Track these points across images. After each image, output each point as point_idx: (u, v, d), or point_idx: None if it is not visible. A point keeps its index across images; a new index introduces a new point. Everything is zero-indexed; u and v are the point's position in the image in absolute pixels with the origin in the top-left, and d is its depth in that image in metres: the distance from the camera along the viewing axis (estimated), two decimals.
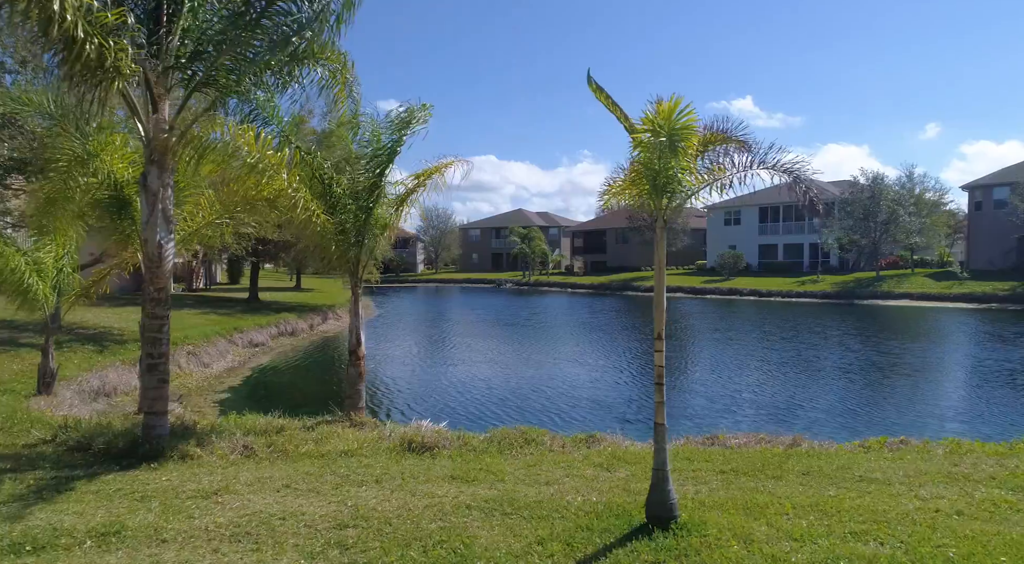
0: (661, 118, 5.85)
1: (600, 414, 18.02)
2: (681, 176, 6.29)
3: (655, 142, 5.84)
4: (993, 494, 8.00)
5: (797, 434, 12.14)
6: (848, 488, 8.30)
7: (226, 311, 35.69)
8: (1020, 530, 6.63)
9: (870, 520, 6.86)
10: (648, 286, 70.18)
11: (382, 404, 20.06)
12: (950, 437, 12.15)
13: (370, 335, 37.90)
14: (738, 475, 8.99)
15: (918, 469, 9.36)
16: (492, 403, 19.50)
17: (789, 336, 35.24)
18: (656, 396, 6.71)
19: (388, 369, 26.71)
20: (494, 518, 6.92)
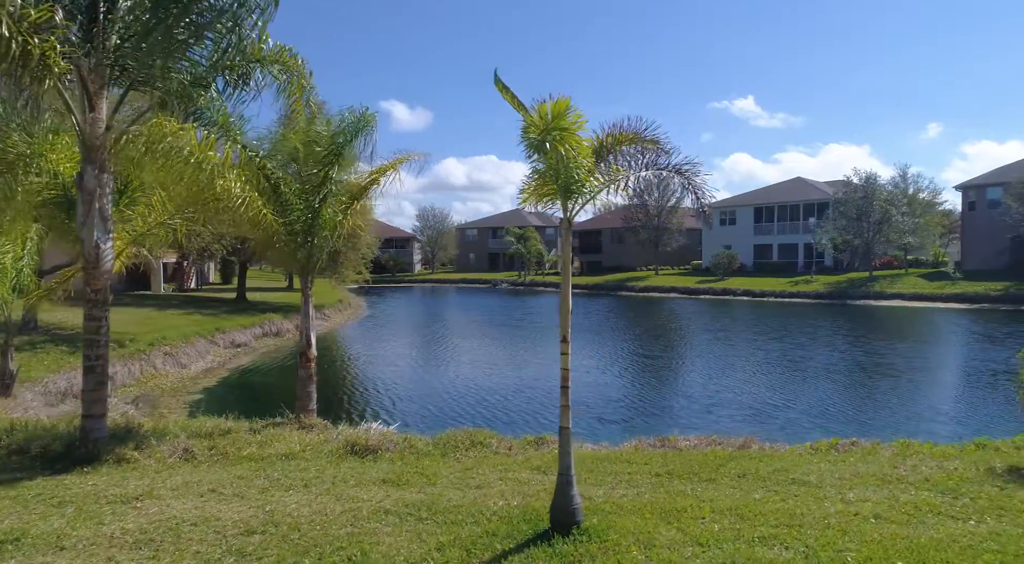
0: (540, 118, 5.78)
1: (577, 414, 17.97)
2: (583, 177, 6.23)
3: (539, 141, 5.78)
4: (920, 497, 7.94)
5: (748, 436, 12.10)
6: (777, 491, 8.25)
7: (211, 311, 35.68)
8: (931, 533, 6.58)
9: (784, 524, 6.80)
10: (644, 286, 70.11)
11: (360, 406, 20.04)
12: (902, 438, 12.08)
13: (357, 336, 38.06)
14: (672, 478, 8.94)
15: (856, 471, 9.31)
16: (471, 404, 19.49)
17: (778, 336, 35.23)
18: (562, 399, 6.66)
19: (372, 370, 26.73)
20: (407, 523, 6.87)
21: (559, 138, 5.72)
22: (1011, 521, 7.09)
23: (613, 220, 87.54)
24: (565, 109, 5.77)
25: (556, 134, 5.72)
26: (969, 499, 7.86)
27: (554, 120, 5.73)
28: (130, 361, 21.91)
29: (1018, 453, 10.83)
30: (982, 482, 8.66)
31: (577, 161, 6.02)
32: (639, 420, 17.58)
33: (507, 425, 16.75)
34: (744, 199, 79.12)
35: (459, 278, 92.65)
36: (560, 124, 5.74)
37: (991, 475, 9.01)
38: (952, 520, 7.13)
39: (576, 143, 5.90)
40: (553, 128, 5.72)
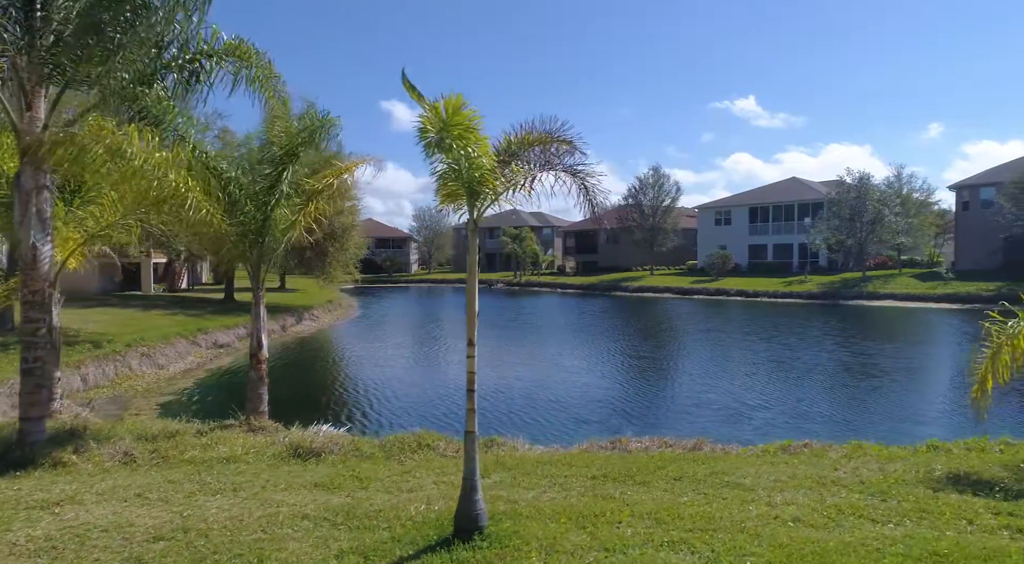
0: (435, 117, 5.71)
1: (557, 414, 18.01)
2: (487, 177, 6.17)
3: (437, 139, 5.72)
4: (848, 500, 7.88)
5: (700, 438, 12.05)
6: (707, 494, 8.19)
7: (197, 312, 35.62)
8: (843, 537, 6.53)
9: (699, 528, 6.75)
10: (638, 286, 70.00)
11: (338, 407, 19.94)
12: (857, 440, 12.00)
13: (345, 337, 37.99)
14: (607, 481, 8.88)
15: (795, 474, 9.25)
16: (448, 405, 19.29)
17: (767, 337, 35.21)
18: (467, 403, 6.61)
19: (356, 371, 26.69)
20: (320, 529, 6.82)
21: (458, 136, 5.66)
22: (929, 524, 7.03)
23: (609, 220, 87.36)
24: (459, 107, 5.71)
25: (453, 132, 5.65)
26: (896, 502, 7.80)
27: (450, 118, 5.66)
28: (104, 362, 21.86)
29: (967, 455, 10.79)
30: (916, 485, 8.60)
31: (478, 161, 5.95)
32: (616, 420, 17.47)
33: (488, 424, 16.72)
34: (739, 199, 79.01)
35: (455, 278, 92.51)
36: (455, 121, 5.67)
37: (928, 478, 8.95)
38: (871, 523, 7.07)
39: (475, 141, 5.83)
40: (450, 126, 5.65)
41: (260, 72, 12.31)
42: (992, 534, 6.77)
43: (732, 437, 14.23)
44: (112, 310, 32.20)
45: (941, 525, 7.01)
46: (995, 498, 8.03)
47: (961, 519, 7.18)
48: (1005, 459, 10.14)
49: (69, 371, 20.01)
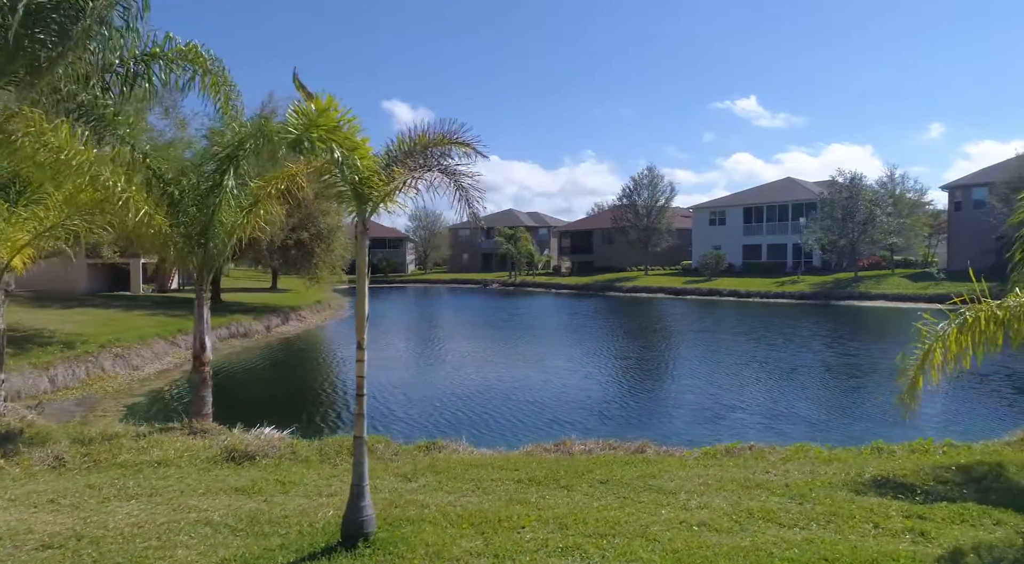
0: (299, 117, 5.66)
1: (533, 415, 18.00)
2: (371, 178, 6.11)
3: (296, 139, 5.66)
4: (765, 503, 7.83)
5: (644, 440, 11.96)
6: (626, 497, 8.14)
7: (181, 312, 35.53)
8: (740, 542, 6.48)
9: (599, 533, 6.69)
10: (632, 287, 69.88)
11: (312, 409, 19.81)
12: (801, 442, 11.95)
13: (330, 338, 37.95)
14: (530, 485, 8.83)
15: (723, 477, 9.18)
16: (425, 408, 19.16)
17: (755, 337, 35.18)
18: (356, 408, 6.54)
19: (336, 372, 26.67)
20: (218, 536, 6.77)
21: (320, 137, 5.60)
22: (835, 528, 6.97)
23: (604, 220, 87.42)
24: (327, 108, 5.66)
25: (317, 132, 5.60)
26: (812, 505, 7.75)
27: (314, 118, 5.60)
28: (75, 363, 21.83)
29: (909, 457, 10.72)
30: (841, 488, 8.54)
31: (351, 161, 5.89)
32: (590, 421, 17.37)
33: (457, 425, 16.68)
34: (733, 199, 78.89)
35: (450, 278, 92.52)
36: (320, 121, 5.61)
37: (856, 481, 8.89)
38: (777, 527, 7.02)
39: (346, 142, 5.77)
40: (314, 126, 5.60)
41: (213, 78, 12.29)
42: (894, 537, 6.71)
43: (701, 439, 14.21)
44: (93, 311, 32.18)
45: (846, 529, 6.95)
46: (914, 501, 7.97)
47: (868, 522, 7.12)
48: (942, 461, 10.06)
49: (36, 372, 20.01)
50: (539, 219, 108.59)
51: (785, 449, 11.35)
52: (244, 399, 20.72)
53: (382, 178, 6.15)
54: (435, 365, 27.76)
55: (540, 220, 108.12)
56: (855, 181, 59.67)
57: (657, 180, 77.55)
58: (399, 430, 15.99)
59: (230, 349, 31.34)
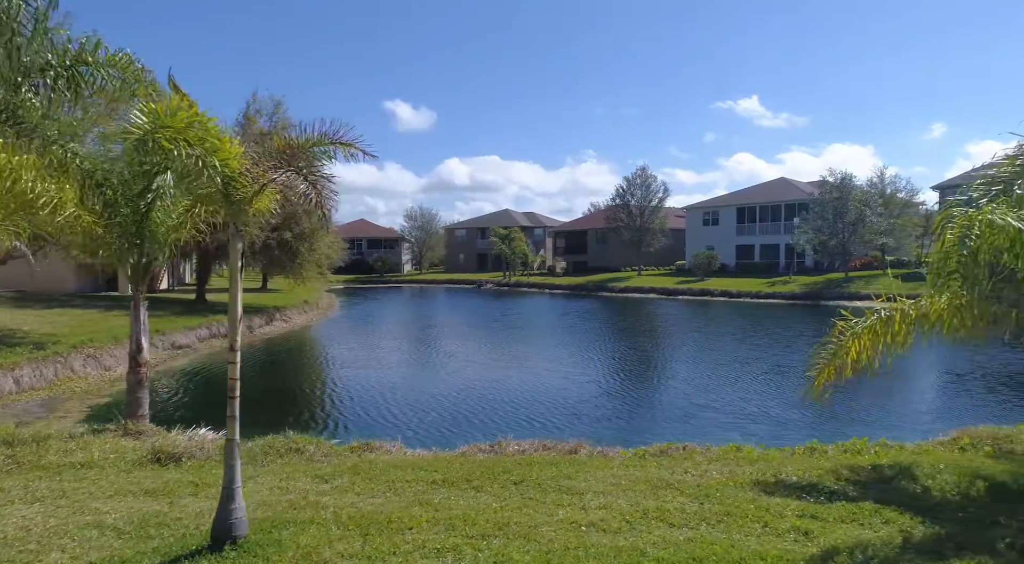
0: (147, 117, 5.65)
1: (506, 416, 18.03)
2: (238, 179, 6.12)
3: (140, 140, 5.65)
4: (665, 503, 7.86)
5: (579, 441, 11.92)
6: (531, 497, 8.18)
7: (163, 313, 35.50)
8: (619, 542, 6.52)
9: (483, 533, 6.74)
10: (624, 287, 69.80)
11: (277, 412, 19.67)
12: (734, 442, 11.95)
13: (315, 339, 37.90)
14: (443, 486, 8.85)
15: (639, 477, 9.19)
16: (399, 410, 19.10)
17: (740, 337, 35.29)
18: (228, 410, 6.54)
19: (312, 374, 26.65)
20: (103, 539, 6.80)
21: (169, 138, 5.60)
22: (724, 528, 6.99)
23: (598, 221, 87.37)
24: (176, 108, 5.66)
25: (166, 134, 5.60)
26: (711, 505, 7.80)
27: (164, 120, 5.60)
28: (43, 364, 21.87)
29: (841, 457, 10.71)
30: (749, 488, 8.55)
31: (210, 161, 5.89)
32: (560, 420, 17.44)
33: (427, 426, 16.70)
34: (727, 199, 78.83)
35: (445, 279, 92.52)
36: (170, 123, 5.62)
37: (767, 482, 8.90)
38: (667, 527, 7.05)
39: (199, 141, 5.78)
40: (163, 127, 5.60)
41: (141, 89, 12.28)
42: (778, 536, 6.73)
43: (666, 438, 14.13)
44: (72, 311, 32.23)
45: (734, 528, 6.97)
46: (815, 501, 7.99)
47: (759, 522, 7.15)
48: (864, 461, 10.08)
49: (0, 373, 20.03)
50: (535, 219, 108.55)
51: (718, 449, 11.36)
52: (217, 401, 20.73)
53: (247, 179, 6.14)
54: (417, 365, 27.78)
55: (536, 220, 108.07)
56: (845, 181, 59.57)
57: (650, 180, 77.56)
58: (367, 429, 16.00)
59: (210, 350, 31.32)
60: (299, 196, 6.33)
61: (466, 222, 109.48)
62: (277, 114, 40.19)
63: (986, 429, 11.98)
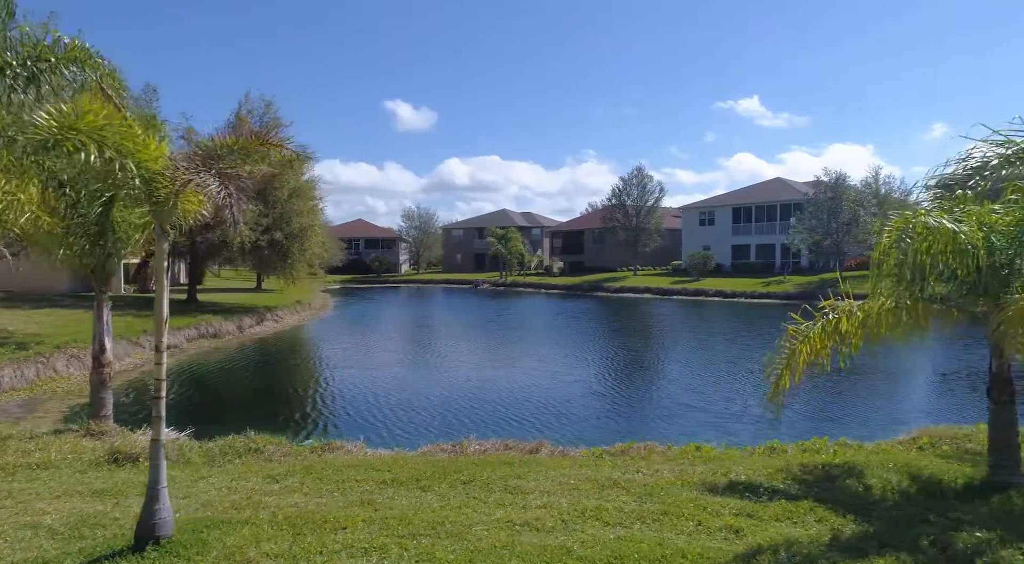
0: (56, 117, 5.65)
1: (487, 416, 18.03)
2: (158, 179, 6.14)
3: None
4: (606, 503, 7.92)
5: (541, 441, 11.98)
6: (475, 497, 8.22)
7: (150, 313, 35.45)
8: (548, 541, 6.56)
9: (416, 533, 6.80)
10: (619, 287, 69.77)
11: (261, 410, 19.70)
12: (708, 442, 12.00)
13: (305, 339, 37.91)
14: (392, 485, 8.90)
15: (587, 477, 9.23)
16: (374, 412, 19.04)
17: (731, 337, 35.40)
18: (154, 410, 6.56)
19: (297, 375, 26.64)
20: (35, 539, 6.84)
21: (82, 139, 5.60)
22: (657, 527, 7.05)
23: (595, 221, 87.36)
24: (89, 110, 5.67)
25: (78, 136, 5.60)
26: (652, 504, 7.88)
27: (71, 122, 5.61)
28: (25, 364, 21.91)
29: (801, 456, 10.72)
30: (694, 488, 8.60)
31: (126, 162, 5.91)
32: (547, 420, 17.47)
33: (395, 427, 16.71)
34: (723, 199, 78.79)
35: (442, 279, 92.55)
36: (80, 125, 5.62)
37: (715, 481, 8.94)
38: (603, 526, 7.10)
39: (115, 141, 5.79)
40: (71, 128, 5.60)
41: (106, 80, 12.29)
42: (708, 535, 6.79)
43: (647, 437, 14.13)
44: (60, 311, 32.29)
45: (667, 527, 7.01)
46: (756, 500, 8.04)
47: (693, 521, 7.21)
48: (817, 461, 10.10)
49: None
50: (533, 219, 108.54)
51: (678, 449, 11.41)
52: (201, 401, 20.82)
53: (166, 180, 6.16)
54: (404, 365, 27.70)
55: (534, 220, 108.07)
56: (839, 181, 59.56)
57: (646, 180, 77.57)
58: (349, 429, 16.11)
59: (198, 350, 31.37)
60: (213, 197, 6.30)
61: (463, 222, 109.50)
62: (268, 114, 40.25)
63: (947, 428, 12.02)
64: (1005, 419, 8.38)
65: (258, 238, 38.20)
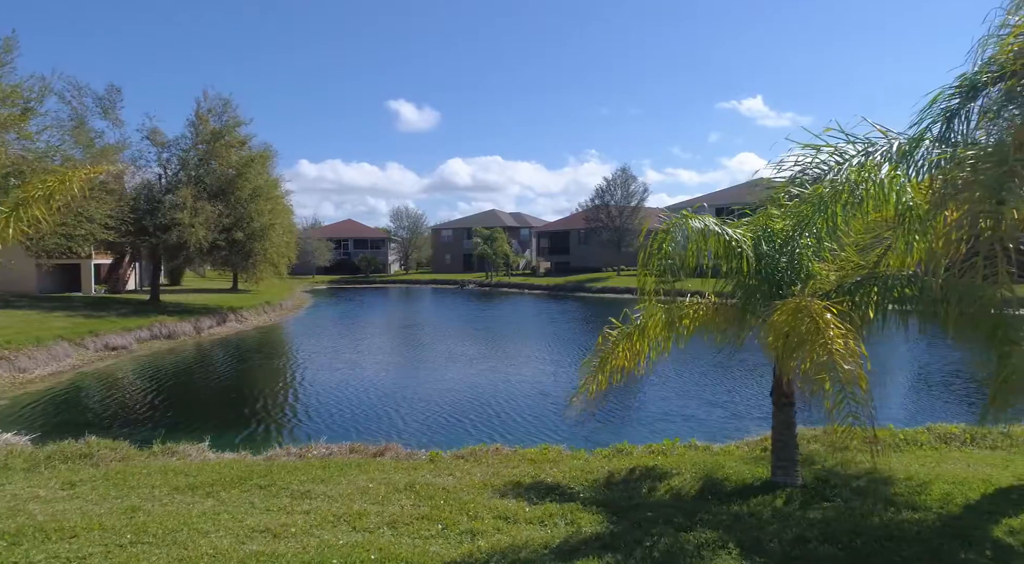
0: None
1: (409, 418, 17.85)
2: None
3: None
4: (385, 508, 7.91)
5: (389, 443, 11.79)
6: (250, 502, 8.19)
7: (107, 313, 35.53)
8: (267, 548, 6.52)
9: (134, 541, 6.70)
10: (601, 287, 69.52)
11: (180, 416, 19.45)
12: (544, 443, 11.83)
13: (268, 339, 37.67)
14: (183, 491, 8.79)
15: (393, 481, 9.21)
16: (311, 415, 18.81)
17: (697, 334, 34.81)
18: None
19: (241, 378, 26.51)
20: None
21: None
22: (403, 532, 7.07)
23: (580, 221, 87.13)
24: None
25: None
26: (413, 508, 7.81)
27: None
28: None
29: (644, 458, 10.56)
30: (488, 491, 8.62)
31: None
32: (473, 420, 17.31)
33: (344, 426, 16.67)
34: (706, 199, 78.40)
35: (429, 279, 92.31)
36: None
37: (514, 485, 8.90)
38: (350, 531, 7.12)
39: None
40: None
41: None
42: (444, 540, 6.83)
43: (553, 438, 14.25)
44: (15, 312, 32.33)
45: (412, 531, 7.05)
46: (535, 502, 7.96)
47: (445, 524, 7.17)
48: (628, 464, 9.90)
49: None
50: (522, 219, 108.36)
51: (527, 451, 11.26)
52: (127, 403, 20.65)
53: None
54: (350, 368, 27.20)
55: (523, 221, 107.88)
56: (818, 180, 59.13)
57: (630, 181, 77.35)
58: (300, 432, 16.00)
59: (148, 351, 31.17)
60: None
61: (452, 222, 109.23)
62: (227, 113, 40.14)
63: (805, 431, 11.77)
64: (783, 421, 8.23)
65: (216, 238, 38.07)
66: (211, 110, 40.13)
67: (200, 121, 39.67)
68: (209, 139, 39.36)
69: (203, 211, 36.91)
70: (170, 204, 36.82)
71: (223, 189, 39.51)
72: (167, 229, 36.33)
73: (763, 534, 6.55)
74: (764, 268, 8.19)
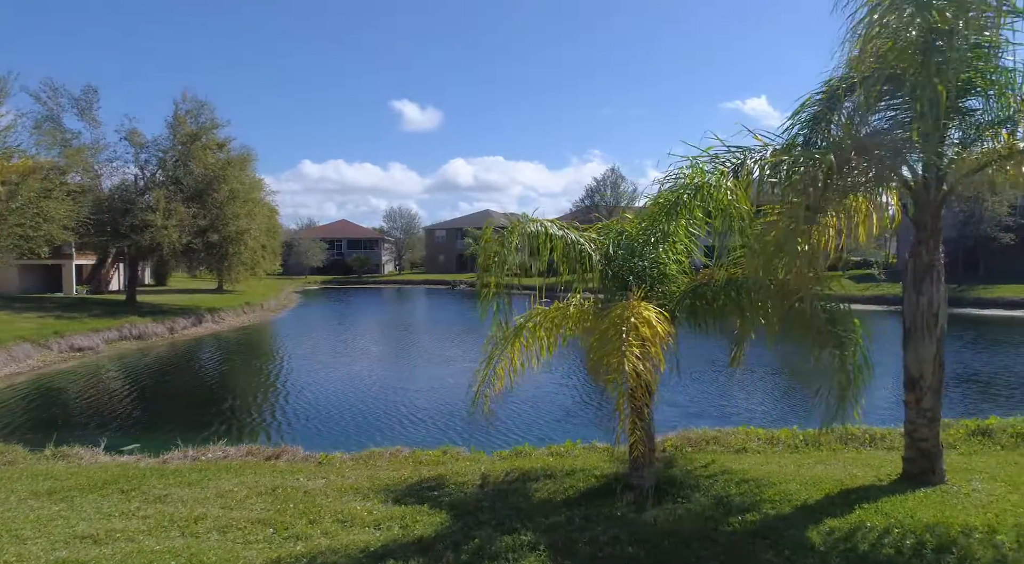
0: None
1: (367, 420, 17.69)
2: None
3: None
4: (228, 512, 7.73)
5: (284, 446, 11.67)
6: (97, 506, 8.09)
7: (79, 314, 35.42)
8: (71, 555, 6.33)
9: None
10: None
11: (140, 418, 19.27)
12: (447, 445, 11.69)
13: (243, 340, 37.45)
14: (41, 496, 8.63)
15: (262, 484, 9.01)
16: (276, 419, 18.56)
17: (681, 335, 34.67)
18: None
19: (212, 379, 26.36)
20: None
21: None
22: (230, 536, 6.93)
23: (573, 221, 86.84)
24: None
25: None
26: (265, 512, 7.66)
27: None
28: None
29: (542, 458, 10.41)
30: (351, 493, 8.58)
31: None
32: (424, 422, 17.15)
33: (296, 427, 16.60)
34: None
35: (422, 279, 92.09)
36: None
37: (385, 486, 8.88)
38: (179, 535, 7.03)
39: None
40: None
41: None
42: (268, 543, 6.78)
43: (518, 439, 14.14)
44: None
45: (238, 536, 6.94)
46: (383, 503, 7.75)
47: (280, 527, 7.01)
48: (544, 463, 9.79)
49: None
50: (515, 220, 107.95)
51: (424, 452, 11.08)
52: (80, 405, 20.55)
53: None
54: (311, 372, 26.60)
55: None
56: None
57: (620, 181, 77.20)
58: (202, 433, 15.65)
59: (115, 352, 30.94)
60: None
61: (445, 223, 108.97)
62: (203, 115, 40.06)
63: (708, 431, 11.63)
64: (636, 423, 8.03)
65: (191, 240, 37.98)
66: (189, 112, 40.07)
67: (178, 122, 39.60)
68: (186, 140, 39.29)
69: (177, 213, 36.80)
70: (143, 205, 36.79)
71: (200, 191, 39.40)
72: (140, 230, 36.22)
73: (580, 536, 6.41)
74: (614, 269, 8.17)
